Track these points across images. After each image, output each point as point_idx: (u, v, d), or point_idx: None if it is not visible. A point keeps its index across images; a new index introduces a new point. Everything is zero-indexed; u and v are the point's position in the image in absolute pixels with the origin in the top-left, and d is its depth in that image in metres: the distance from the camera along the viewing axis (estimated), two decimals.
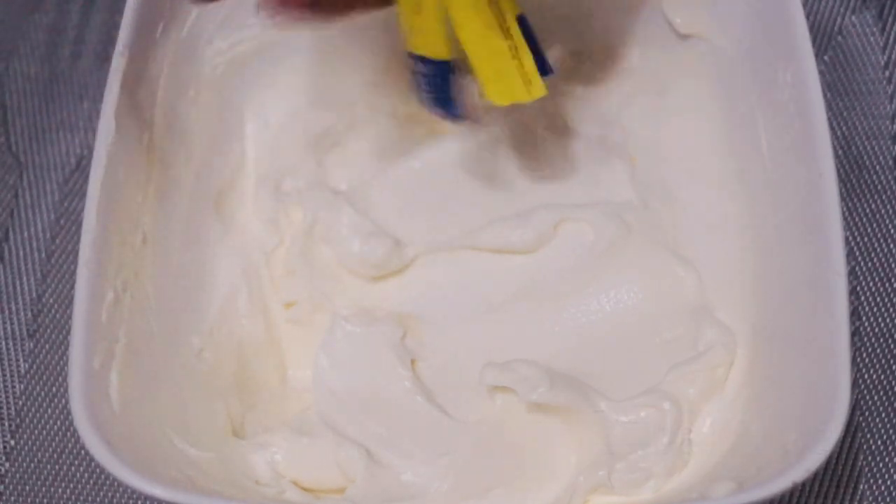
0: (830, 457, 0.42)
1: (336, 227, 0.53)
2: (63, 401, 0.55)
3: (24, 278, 0.58)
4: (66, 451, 0.54)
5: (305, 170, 0.55)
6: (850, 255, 0.56)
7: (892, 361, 0.54)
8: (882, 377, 0.53)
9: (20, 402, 0.55)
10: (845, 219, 0.54)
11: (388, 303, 0.53)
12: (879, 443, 0.52)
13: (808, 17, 0.49)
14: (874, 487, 0.51)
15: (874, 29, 0.62)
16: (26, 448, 0.54)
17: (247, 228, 0.54)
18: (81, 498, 0.53)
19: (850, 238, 0.56)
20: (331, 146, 0.56)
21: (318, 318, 0.52)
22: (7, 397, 0.55)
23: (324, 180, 0.55)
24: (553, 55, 0.57)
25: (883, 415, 0.53)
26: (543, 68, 0.50)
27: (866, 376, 0.53)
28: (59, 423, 0.54)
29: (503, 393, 0.49)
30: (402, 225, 0.54)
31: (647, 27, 0.55)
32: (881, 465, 0.52)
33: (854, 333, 0.54)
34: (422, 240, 0.53)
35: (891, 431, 0.52)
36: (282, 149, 0.56)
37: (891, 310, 0.55)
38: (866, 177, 0.58)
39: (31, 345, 0.56)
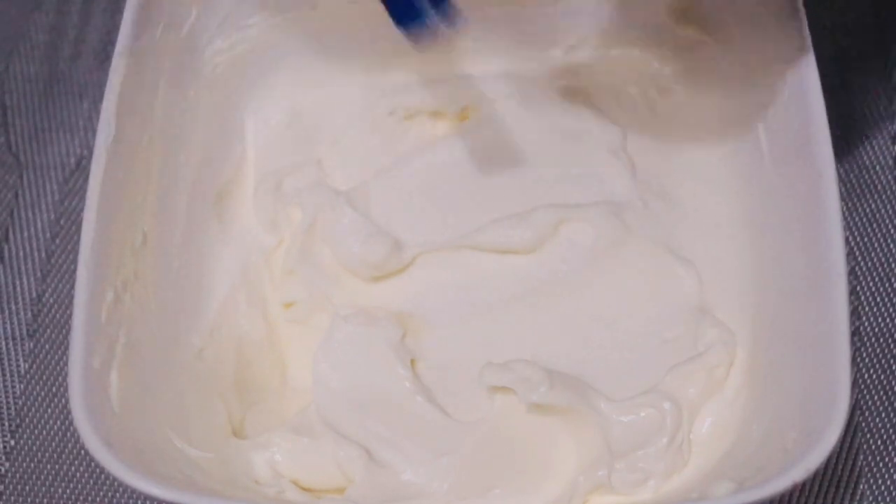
0: (830, 457, 0.42)
1: (336, 228, 0.53)
2: (63, 401, 0.55)
3: (24, 278, 0.58)
4: (66, 451, 0.54)
5: (305, 170, 0.55)
6: (850, 255, 0.56)
7: (892, 361, 0.54)
8: (882, 377, 0.53)
9: (20, 402, 0.55)
10: (845, 219, 0.54)
11: (388, 303, 0.53)
12: (879, 443, 0.52)
13: (808, 17, 0.49)
14: (874, 487, 0.51)
15: (874, 30, 0.61)
16: (26, 448, 0.54)
17: (247, 228, 0.54)
18: (81, 498, 0.53)
19: (850, 238, 0.56)
20: (331, 146, 0.56)
21: (317, 318, 0.52)
22: (7, 397, 0.55)
23: (324, 180, 0.55)
24: (552, 54, 0.57)
25: (883, 415, 0.53)
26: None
27: (866, 376, 0.53)
28: (59, 423, 0.54)
29: (503, 393, 0.48)
30: (402, 225, 0.54)
31: (647, 27, 0.55)
32: (881, 465, 0.52)
33: (854, 333, 0.54)
34: (422, 240, 0.53)
35: (891, 431, 0.52)
36: (282, 149, 0.56)
37: (891, 310, 0.55)
38: (866, 177, 0.58)
39: (31, 345, 0.56)
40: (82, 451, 0.53)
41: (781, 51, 0.48)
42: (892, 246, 0.56)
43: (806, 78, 0.47)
